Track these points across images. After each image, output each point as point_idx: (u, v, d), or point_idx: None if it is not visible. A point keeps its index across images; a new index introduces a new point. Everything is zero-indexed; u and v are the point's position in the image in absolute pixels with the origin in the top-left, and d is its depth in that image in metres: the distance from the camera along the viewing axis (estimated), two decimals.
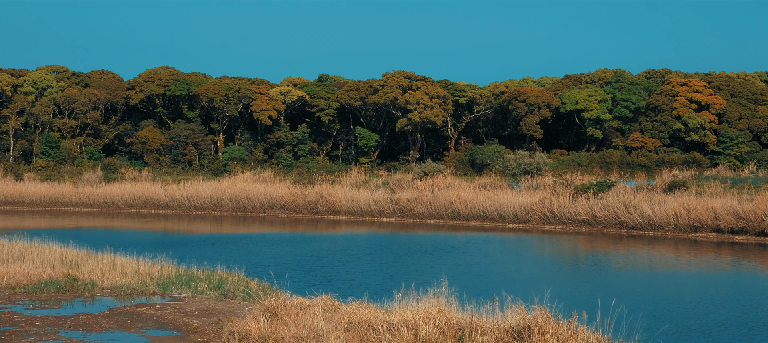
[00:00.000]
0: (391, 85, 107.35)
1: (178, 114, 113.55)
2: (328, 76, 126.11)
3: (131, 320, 23.02)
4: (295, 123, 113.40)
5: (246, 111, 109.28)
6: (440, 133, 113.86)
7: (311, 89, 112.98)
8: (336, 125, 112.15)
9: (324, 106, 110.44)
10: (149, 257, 32.69)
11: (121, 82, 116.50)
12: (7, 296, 26.62)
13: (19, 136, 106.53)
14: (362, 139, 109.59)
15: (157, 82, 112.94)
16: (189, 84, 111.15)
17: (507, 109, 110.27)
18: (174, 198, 76.76)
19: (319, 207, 69.96)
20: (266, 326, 20.33)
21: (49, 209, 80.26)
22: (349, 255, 43.19)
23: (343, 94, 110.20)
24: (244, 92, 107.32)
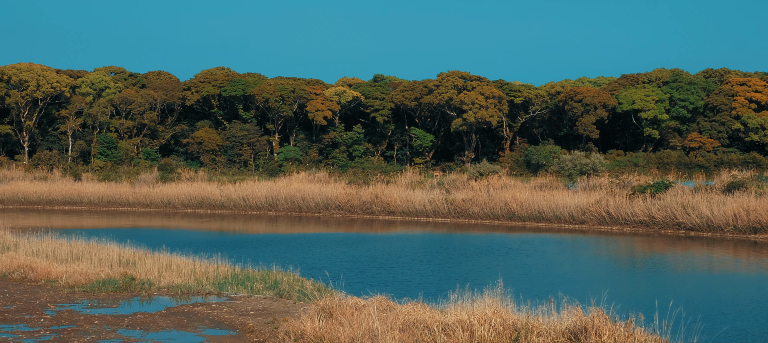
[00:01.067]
0: (446, 85, 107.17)
1: (233, 115, 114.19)
2: (383, 76, 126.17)
3: (188, 319, 23.14)
4: (350, 123, 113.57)
5: (301, 111, 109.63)
6: (495, 134, 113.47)
7: (366, 90, 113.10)
8: (391, 126, 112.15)
9: (379, 107, 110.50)
10: (205, 257, 32.85)
11: (178, 82, 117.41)
12: (66, 295, 26.89)
13: (78, 137, 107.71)
14: (417, 140, 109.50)
15: (212, 82, 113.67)
16: (244, 85, 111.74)
17: (563, 110, 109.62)
18: (230, 198, 77.14)
19: (374, 207, 69.96)
20: (321, 326, 20.32)
21: (107, 209, 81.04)
22: (403, 255, 43.13)
23: (398, 94, 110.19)
24: (299, 93, 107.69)
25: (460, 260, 41.81)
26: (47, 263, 31.04)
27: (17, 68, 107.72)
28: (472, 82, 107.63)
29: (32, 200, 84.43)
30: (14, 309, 24.59)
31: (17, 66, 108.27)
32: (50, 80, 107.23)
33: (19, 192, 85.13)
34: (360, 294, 23.18)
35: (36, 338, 20.91)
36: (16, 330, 21.74)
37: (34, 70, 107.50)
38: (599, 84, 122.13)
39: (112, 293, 27.26)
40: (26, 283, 29.61)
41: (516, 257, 43.14)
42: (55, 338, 20.91)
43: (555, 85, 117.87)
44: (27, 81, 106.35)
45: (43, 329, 21.91)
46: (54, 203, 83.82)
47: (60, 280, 29.11)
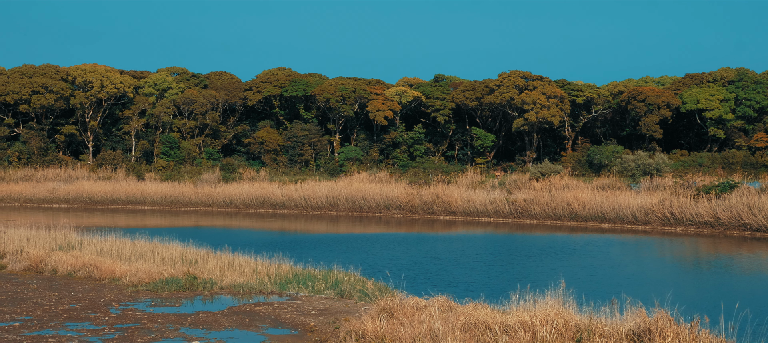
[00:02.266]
0: (507, 85, 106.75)
1: (294, 115, 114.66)
2: (444, 76, 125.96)
3: (250, 318, 23.23)
4: (411, 123, 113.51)
5: (362, 111, 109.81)
6: (557, 134, 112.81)
7: (427, 89, 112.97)
8: (451, 125, 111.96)
9: (439, 107, 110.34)
10: (267, 257, 32.96)
11: (239, 83, 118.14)
12: (130, 294, 27.14)
13: (141, 137, 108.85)
14: (478, 140, 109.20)
15: (274, 83, 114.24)
16: (305, 85, 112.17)
17: (625, 109, 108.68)
18: (291, 198, 77.42)
19: (435, 207, 69.84)
20: (383, 326, 20.30)
21: (170, 208, 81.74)
22: (465, 256, 42.99)
23: (459, 94, 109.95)
24: (359, 93, 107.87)
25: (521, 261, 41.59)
26: (111, 261, 31.36)
27: (82, 69, 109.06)
28: (533, 81, 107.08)
29: (97, 199, 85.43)
30: (79, 307, 24.87)
31: (82, 67, 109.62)
32: (114, 81, 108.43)
33: (84, 191, 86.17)
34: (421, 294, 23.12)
35: (101, 336, 21.11)
36: (81, 328, 21.98)
37: (99, 71, 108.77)
38: (663, 83, 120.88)
39: (175, 291, 27.47)
40: (91, 281, 29.93)
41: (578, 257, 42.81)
42: (120, 336, 21.09)
43: (618, 85, 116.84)
44: (91, 82, 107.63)
45: (108, 327, 22.12)
46: (118, 202, 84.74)
47: (124, 279, 29.40)
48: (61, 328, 22.04)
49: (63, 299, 26.34)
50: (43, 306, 25.10)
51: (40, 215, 72.36)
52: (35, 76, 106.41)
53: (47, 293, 27.33)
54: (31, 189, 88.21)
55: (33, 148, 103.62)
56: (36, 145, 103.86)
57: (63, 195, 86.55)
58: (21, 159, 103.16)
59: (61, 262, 32.09)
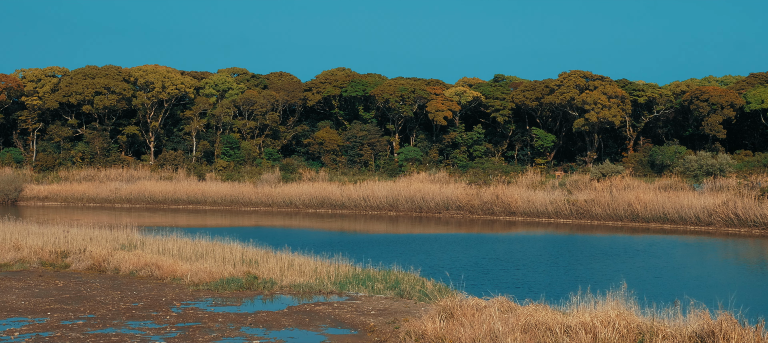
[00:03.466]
0: (567, 85, 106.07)
1: (354, 115, 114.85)
2: (504, 76, 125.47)
3: (310, 318, 23.28)
4: (471, 124, 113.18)
5: (421, 112, 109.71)
6: (618, 134, 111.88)
7: (486, 90, 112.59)
8: (511, 126, 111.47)
9: (499, 107, 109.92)
10: (327, 257, 33.03)
11: (299, 83, 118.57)
12: (191, 293, 27.33)
13: (201, 137, 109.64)
14: (538, 140, 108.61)
15: (333, 83, 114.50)
16: (365, 85, 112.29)
17: (688, 109, 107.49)
18: (350, 198, 77.55)
19: (495, 208, 69.59)
20: (442, 327, 20.24)
21: (230, 208, 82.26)
22: (525, 257, 42.77)
23: (519, 94, 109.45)
24: (419, 93, 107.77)
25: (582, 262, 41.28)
26: (173, 261, 31.60)
27: (143, 70, 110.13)
28: (594, 81, 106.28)
29: (158, 199, 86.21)
30: (141, 306, 25.09)
31: (143, 68, 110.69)
32: (175, 82, 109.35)
33: (145, 191, 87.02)
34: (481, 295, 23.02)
35: (162, 334, 21.27)
36: (144, 327, 22.16)
37: (160, 72, 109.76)
38: (726, 83, 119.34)
39: (235, 291, 27.61)
40: (153, 280, 30.19)
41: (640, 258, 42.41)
42: (181, 334, 21.24)
43: (680, 85, 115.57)
44: (153, 83, 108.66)
45: (169, 326, 22.28)
46: (179, 202, 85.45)
47: (185, 278, 29.61)
48: (124, 326, 22.25)
49: (125, 297, 26.59)
50: (105, 305, 25.36)
51: (103, 214, 73.18)
52: (98, 78, 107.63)
53: (110, 292, 27.60)
54: (94, 189, 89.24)
55: (96, 149, 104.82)
56: (99, 145, 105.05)
57: (125, 195, 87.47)
58: (84, 159, 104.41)
59: (123, 261, 32.41)
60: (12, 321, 23.02)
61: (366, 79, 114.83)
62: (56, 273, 32.18)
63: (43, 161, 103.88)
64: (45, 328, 22.05)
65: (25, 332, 21.51)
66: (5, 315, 23.85)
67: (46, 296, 26.97)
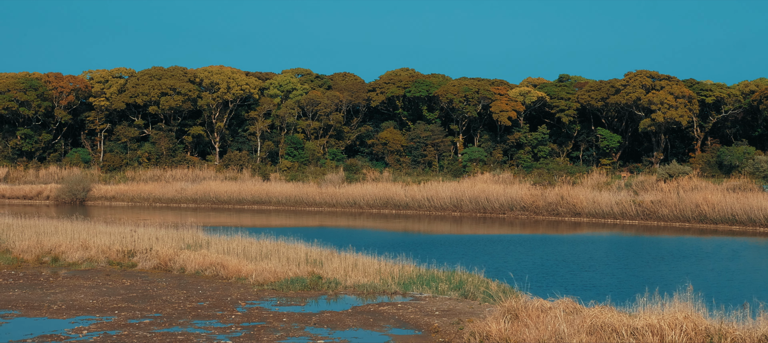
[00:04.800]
0: (633, 85, 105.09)
1: (417, 115, 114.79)
2: (569, 76, 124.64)
3: (374, 318, 23.28)
4: (535, 124, 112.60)
5: (485, 112, 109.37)
6: (685, 134, 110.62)
7: (551, 90, 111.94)
8: (576, 126, 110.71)
9: (564, 107, 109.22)
10: (390, 257, 33.01)
11: (363, 84, 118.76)
12: (256, 293, 27.46)
13: (266, 138, 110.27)
14: (603, 140, 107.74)
15: (397, 83, 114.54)
16: (429, 85, 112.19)
17: (757, 109, 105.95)
18: (414, 199, 77.51)
19: (560, 209, 69.15)
20: (507, 328, 20.13)
21: (294, 209, 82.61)
22: (590, 258, 42.44)
23: (584, 94, 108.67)
24: (483, 93, 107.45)
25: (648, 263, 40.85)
26: (238, 261, 31.79)
27: (208, 71, 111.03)
28: (660, 81, 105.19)
29: (223, 199, 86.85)
30: (207, 305, 25.27)
31: (208, 69, 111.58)
32: (240, 82, 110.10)
33: (210, 191, 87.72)
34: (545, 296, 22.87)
35: (227, 333, 21.39)
36: (209, 326, 22.30)
37: (225, 73, 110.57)
38: None
39: (299, 291, 27.70)
40: (218, 280, 30.39)
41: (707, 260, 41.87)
42: (246, 334, 21.34)
43: (749, 84, 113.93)
44: (218, 84, 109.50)
45: (235, 325, 22.40)
46: (243, 202, 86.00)
47: (250, 278, 29.76)
48: (190, 325, 22.41)
49: (191, 297, 26.80)
50: (172, 304, 25.57)
51: (169, 214, 73.89)
52: (164, 79, 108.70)
53: (176, 291, 27.83)
54: (160, 189, 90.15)
55: (162, 149, 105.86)
56: (164, 146, 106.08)
57: (190, 195, 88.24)
58: (150, 159, 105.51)
59: (189, 260, 32.66)
60: (80, 319, 23.31)
61: (430, 80, 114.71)
62: (123, 272, 32.53)
63: (110, 162, 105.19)
64: (112, 326, 22.30)
65: (93, 330, 21.76)
66: (74, 313, 24.16)
67: (114, 294, 27.26)
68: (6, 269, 33.10)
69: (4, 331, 21.89)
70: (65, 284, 29.56)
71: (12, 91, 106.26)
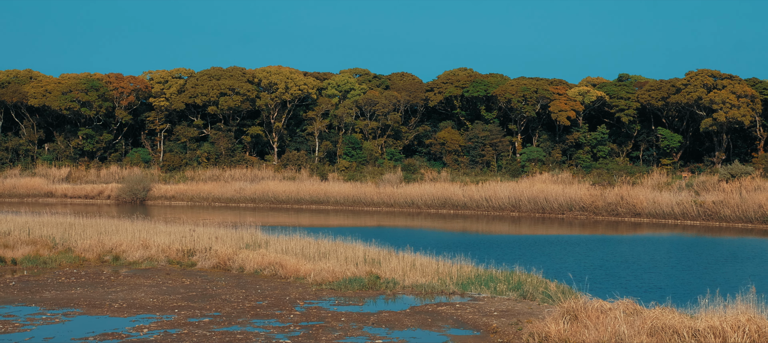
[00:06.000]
0: (694, 84, 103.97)
1: (475, 115, 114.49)
2: (628, 75, 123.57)
3: (432, 318, 23.24)
4: (594, 124, 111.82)
5: (544, 112, 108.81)
6: (748, 134, 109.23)
7: (610, 89, 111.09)
8: (636, 126, 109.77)
9: (624, 107, 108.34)
10: (448, 257, 32.95)
11: (420, 83, 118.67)
12: (314, 292, 27.54)
13: (324, 138, 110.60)
14: (664, 140, 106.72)
15: (455, 83, 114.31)
16: (487, 85, 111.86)
17: None
18: (472, 199, 77.30)
19: (619, 209, 68.59)
20: (566, 329, 20.01)
21: (352, 208, 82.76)
22: (650, 259, 42.05)
23: (644, 93, 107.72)
24: (541, 93, 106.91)
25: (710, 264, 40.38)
26: (296, 260, 31.90)
27: (267, 71, 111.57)
28: (722, 80, 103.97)
29: (281, 198, 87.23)
30: (265, 305, 25.38)
31: (267, 69, 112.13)
32: (298, 82, 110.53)
33: (269, 191, 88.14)
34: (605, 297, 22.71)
35: (286, 333, 21.46)
36: (268, 325, 22.40)
37: (283, 73, 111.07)
38: None
39: (357, 290, 27.73)
40: (276, 279, 30.52)
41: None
42: (304, 333, 21.40)
43: None
44: (276, 84, 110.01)
45: (293, 324, 22.48)
46: (302, 202, 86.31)
47: (308, 277, 29.85)
48: (249, 324, 22.52)
49: (250, 296, 26.93)
50: (231, 303, 25.72)
51: (228, 214, 74.38)
52: (223, 79, 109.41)
53: (235, 290, 27.99)
54: (219, 189, 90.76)
55: (221, 149, 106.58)
56: (223, 145, 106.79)
57: (249, 195, 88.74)
58: (209, 159, 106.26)
59: (247, 260, 32.83)
60: (141, 318, 23.52)
61: (488, 79, 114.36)
62: (183, 271, 32.79)
63: (169, 161, 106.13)
64: (172, 325, 22.47)
65: (154, 329, 21.95)
66: (135, 312, 24.39)
67: (174, 293, 27.48)
68: (68, 268, 33.51)
69: (66, 329, 22.16)
70: (126, 282, 29.86)
71: (74, 92, 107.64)
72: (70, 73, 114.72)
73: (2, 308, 25.01)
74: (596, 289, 29.61)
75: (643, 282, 33.97)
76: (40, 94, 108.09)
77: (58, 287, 28.68)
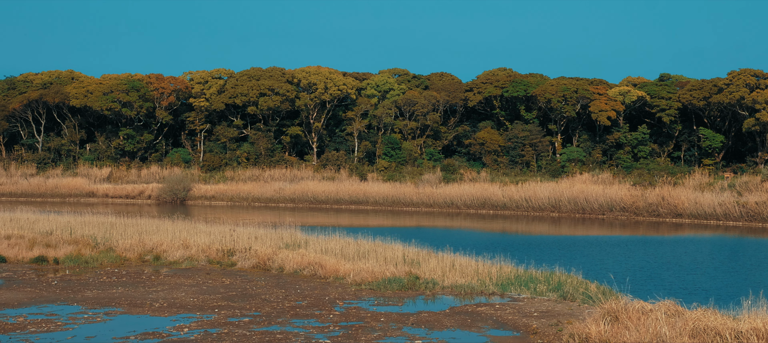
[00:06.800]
0: (736, 84, 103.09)
1: (515, 115, 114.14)
2: (669, 75, 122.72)
3: (471, 319, 23.18)
4: (635, 124, 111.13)
5: (584, 112, 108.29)
6: None
7: (651, 89, 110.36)
8: (678, 126, 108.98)
9: (665, 107, 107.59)
10: (488, 257, 32.87)
11: (460, 84, 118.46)
12: (354, 293, 27.54)
13: (363, 138, 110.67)
14: (706, 140, 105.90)
15: (494, 83, 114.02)
16: (526, 85, 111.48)
17: None
18: (512, 199, 77.07)
19: (660, 210, 68.12)
20: (607, 330, 19.88)
21: (391, 209, 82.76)
22: (692, 260, 41.72)
23: (685, 93, 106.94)
24: (581, 93, 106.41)
25: (753, 265, 40.01)
26: (335, 260, 31.93)
27: (306, 72, 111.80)
28: (765, 79, 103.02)
29: (320, 199, 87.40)
30: (305, 304, 25.42)
31: (306, 69, 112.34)
32: (337, 83, 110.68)
33: (308, 191, 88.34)
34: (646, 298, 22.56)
35: (326, 333, 21.48)
36: (307, 325, 22.43)
37: (322, 74, 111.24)
38: None
39: (397, 291, 27.71)
40: (316, 279, 30.56)
41: None
42: (344, 333, 21.40)
43: None
44: (315, 84, 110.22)
45: (332, 324, 22.49)
46: (341, 202, 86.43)
47: (347, 277, 29.86)
48: (288, 324, 22.56)
49: (289, 296, 26.99)
50: (270, 303, 25.78)
51: (267, 213, 74.61)
52: (262, 79, 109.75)
53: (274, 290, 28.05)
54: (259, 189, 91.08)
55: (260, 149, 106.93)
56: (263, 146, 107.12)
57: (288, 195, 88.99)
58: (249, 159, 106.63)
59: (287, 260, 32.90)
60: (182, 317, 23.63)
61: (527, 79, 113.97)
62: (223, 271, 32.92)
63: (209, 161, 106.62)
64: (213, 324, 22.55)
65: (195, 328, 22.04)
66: (175, 311, 24.51)
67: (214, 293, 27.59)
68: (110, 267, 33.74)
69: (108, 328, 22.30)
70: (166, 282, 30.01)
71: (115, 92, 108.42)
72: (111, 74, 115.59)
73: (45, 306, 25.22)
74: (637, 290, 29.41)
75: (686, 284, 33.72)
76: (82, 94, 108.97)
77: (100, 287, 28.88)
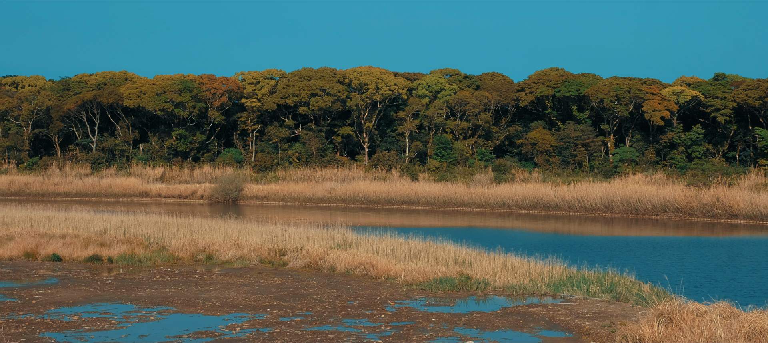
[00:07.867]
0: None
1: (567, 115, 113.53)
2: (724, 74, 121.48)
3: (523, 319, 23.07)
4: (689, 124, 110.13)
5: (637, 111, 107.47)
6: None
7: (706, 89, 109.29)
8: (733, 126, 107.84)
9: (720, 106, 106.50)
10: (540, 258, 32.70)
11: (511, 83, 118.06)
12: (405, 293, 27.53)
13: (414, 138, 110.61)
14: (762, 140, 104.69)
15: (546, 83, 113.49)
16: (578, 85, 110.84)
17: None
18: (564, 199, 76.65)
19: (715, 210, 67.41)
20: (660, 332, 19.70)
21: (443, 209, 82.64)
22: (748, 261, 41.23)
23: (741, 93, 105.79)
24: (634, 92, 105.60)
25: None
26: (386, 260, 31.93)
27: (357, 72, 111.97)
28: None
29: (372, 199, 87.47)
30: (356, 304, 25.44)
31: (357, 70, 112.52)
32: (388, 83, 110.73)
33: (359, 191, 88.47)
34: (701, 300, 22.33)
35: (377, 333, 21.47)
36: (359, 325, 22.44)
37: (373, 74, 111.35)
38: None
39: (448, 291, 27.65)
40: (367, 279, 30.58)
41: None
42: (395, 333, 21.38)
43: None
44: (366, 84, 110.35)
45: (384, 324, 22.48)
46: (392, 202, 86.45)
47: (399, 277, 29.85)
48: (340, 324, 22.58)
49: (341, 296, 27.02)
50: (322, 302, 25.83)
51: (318, 213, 74.79)
52: (313, 79, 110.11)
53: (326, 290, 28.11)
54: (310, 189, 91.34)
55: (311, 149, 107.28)
56: (314, 146, 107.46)
57: (340, 195, 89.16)
58: (300, 160, 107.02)
59: (338, 260, 32.95)
60: (234, 316, 23.74)
61: (580, 79, 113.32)
62: (274, 271, 33.04)
63: (261, 161, 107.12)
64: (265, 324, 22.63)
65: (247, 327, 22.13)
66: (227, 310, 24.63)
67: (265, 292, 27.69)
68: (163, 267, 34.00)
69: (161, 327, 22.46)
70: (219, 281, 30.18)
71: (168, 93, 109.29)
72: (164, 75, 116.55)
73: (99, 305, 25.45)
74: (691, 292, 29.11)
75: (742, 285, 33.32)
76: (135, 95, 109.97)
77: (153, 286, 29.11)
